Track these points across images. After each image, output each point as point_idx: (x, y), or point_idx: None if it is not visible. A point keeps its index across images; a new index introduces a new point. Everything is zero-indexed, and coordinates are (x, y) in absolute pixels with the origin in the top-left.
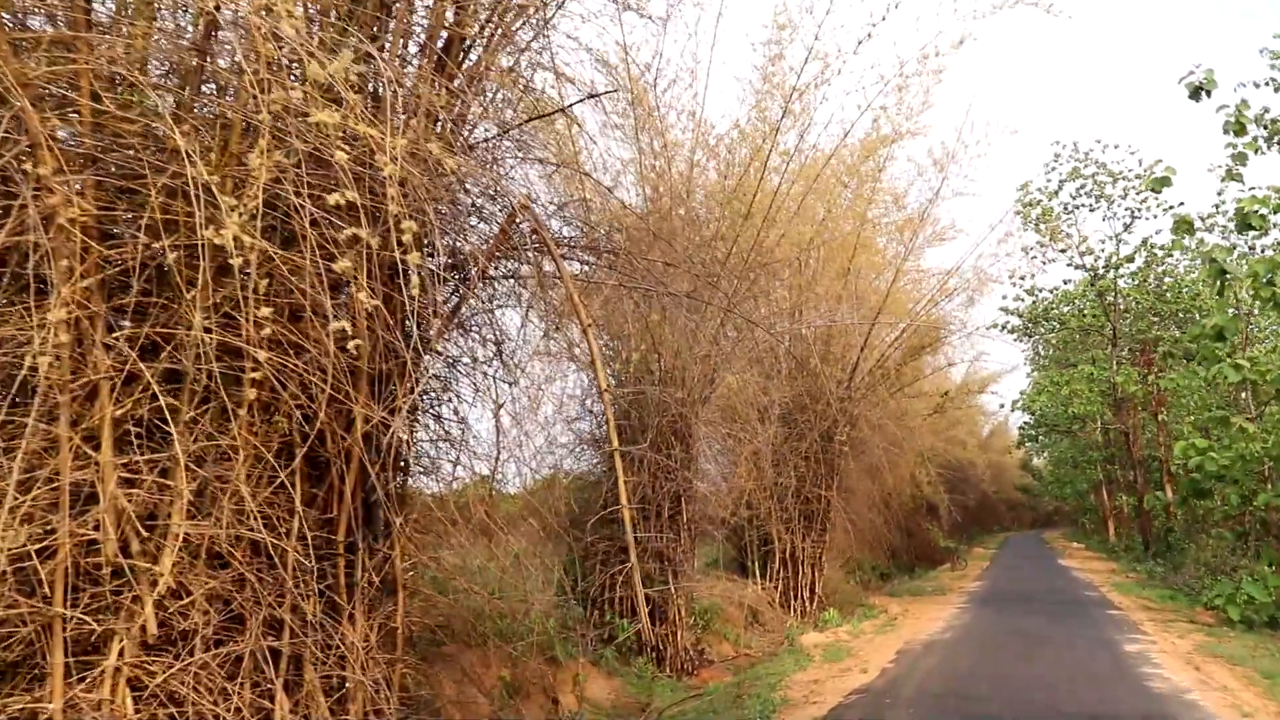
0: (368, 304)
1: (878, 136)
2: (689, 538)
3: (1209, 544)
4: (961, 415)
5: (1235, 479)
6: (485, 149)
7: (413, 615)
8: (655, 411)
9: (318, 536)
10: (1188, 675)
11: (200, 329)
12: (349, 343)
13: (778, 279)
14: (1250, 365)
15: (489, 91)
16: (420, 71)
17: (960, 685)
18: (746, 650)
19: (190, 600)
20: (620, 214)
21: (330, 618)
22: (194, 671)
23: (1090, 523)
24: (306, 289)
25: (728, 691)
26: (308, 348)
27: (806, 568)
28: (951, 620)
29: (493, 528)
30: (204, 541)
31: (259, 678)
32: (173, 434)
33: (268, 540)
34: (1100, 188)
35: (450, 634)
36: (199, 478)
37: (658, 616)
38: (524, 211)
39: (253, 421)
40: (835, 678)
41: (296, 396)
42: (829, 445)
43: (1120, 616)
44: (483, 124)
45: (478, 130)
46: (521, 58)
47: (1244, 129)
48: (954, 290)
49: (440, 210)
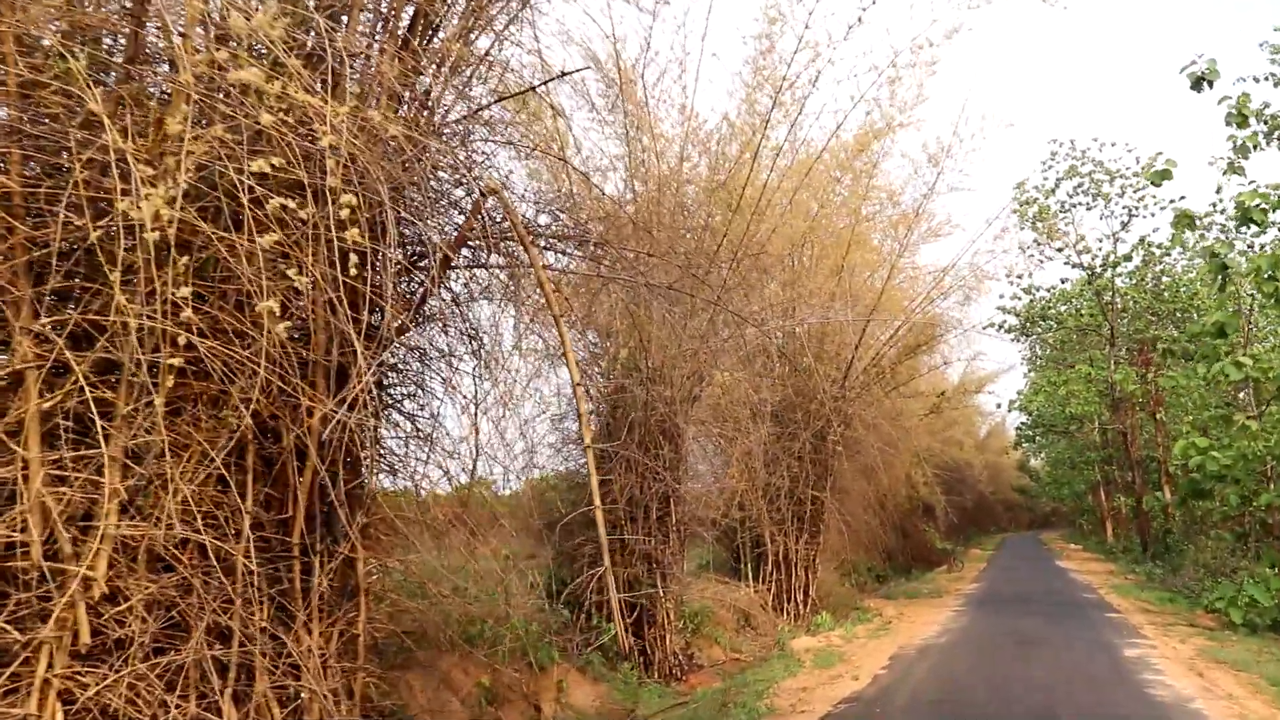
0: (300, 282)
1: (871, 131)
2: (678, 540)
3: (1208, 545)
4: (958, 415)
5: (1237, 479)
6: (454, 130)
7: (377, 621)
8: (643, 410)
9: (272, 538)
10: (1191, 682)
11: (134, 315)
12: (278, 326)
13: (770, 275)
14: (1253, 363)
15: (461, 72)
16: (381, 44)
17: (956, 693)
18: (737, 654)
19: (127, 606)
20: (601, 203)
21: (285, 625)
22: (130, 683)
23: (1088, 524)
24: (249, 273)
25: (713, 699)
26: (255, 336)
27: (800, 570)
28: (948, 624)
29: (468, 529)
30: (143, 544)
31: (205, 689)
32: (108, 429)
33: (210, 542)
34: (1097, 186)
35: (422, 640)
36: (137, 476)
37: (645, 620)
38: (493, 196)
39: (198, 416)
40: (825, 685)
41: (247, 390)
42: (822, 445)
43: (1119, 619)
44: (458, 107)
45: (452, 114)
46: (501, 40)
47: (1246, 121)
48: (950, 288)
49: (400, 191)
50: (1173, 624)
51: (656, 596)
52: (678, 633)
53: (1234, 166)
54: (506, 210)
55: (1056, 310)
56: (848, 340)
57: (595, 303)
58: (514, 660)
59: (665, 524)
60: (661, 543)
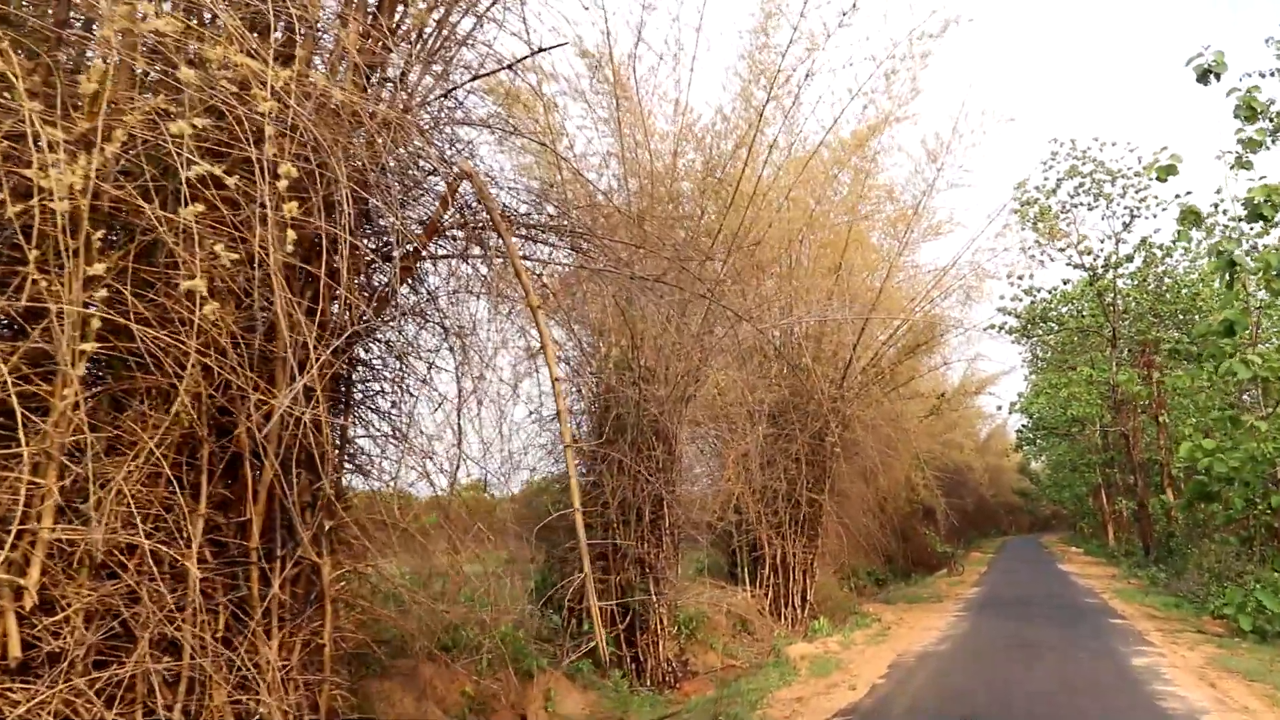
0: (227, 259)
1: (868, 127)
2: (671, 543)
3: (1212, 549)
4: (959, 418)
5: (1245, 480)
6: (428, 111)
7: (346, 630)
8: (635, 411)
9: (230, 543)
10: (1203, 693)
11: (54, 299)
12: (206, 307)
13: (765, 271)
14: (1262, 362)
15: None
16: (344, 15)
17: (957, 705)
18: (733, 661)
19: (64, 616)
20: (588, 192)
21: (244, 635)
22: (66, 699)
23: (1089, 527)
24: (175, 247)
25: (704, 710)
26: (205, 327)
27: (798, 574)
28: (948, 629)
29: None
30: (80, 549)
31: (152, 704)
32: (42, 425)
33: (149, 547)
34: (1098, 186)
35: (400, 649)
36: (76, 476)
37: (638, 626)
38: (468, 180)
39: (145, 412)
40: (821, 695)
41: (196, 384)
42: (821, 447)
43: (1124, 626)
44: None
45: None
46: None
47: (1255, 114)
48: (950, 287)
49: (361, 170)
50: (1180, 630)
51: (649, 602)
52: (671, 639)
53: (1241, 161)
54: (480, 194)
55: (1058, 312)
56: (846, 340)
57: (585, 297)
58: (501, 668)
59: (658, 527)
60: (654, 547)
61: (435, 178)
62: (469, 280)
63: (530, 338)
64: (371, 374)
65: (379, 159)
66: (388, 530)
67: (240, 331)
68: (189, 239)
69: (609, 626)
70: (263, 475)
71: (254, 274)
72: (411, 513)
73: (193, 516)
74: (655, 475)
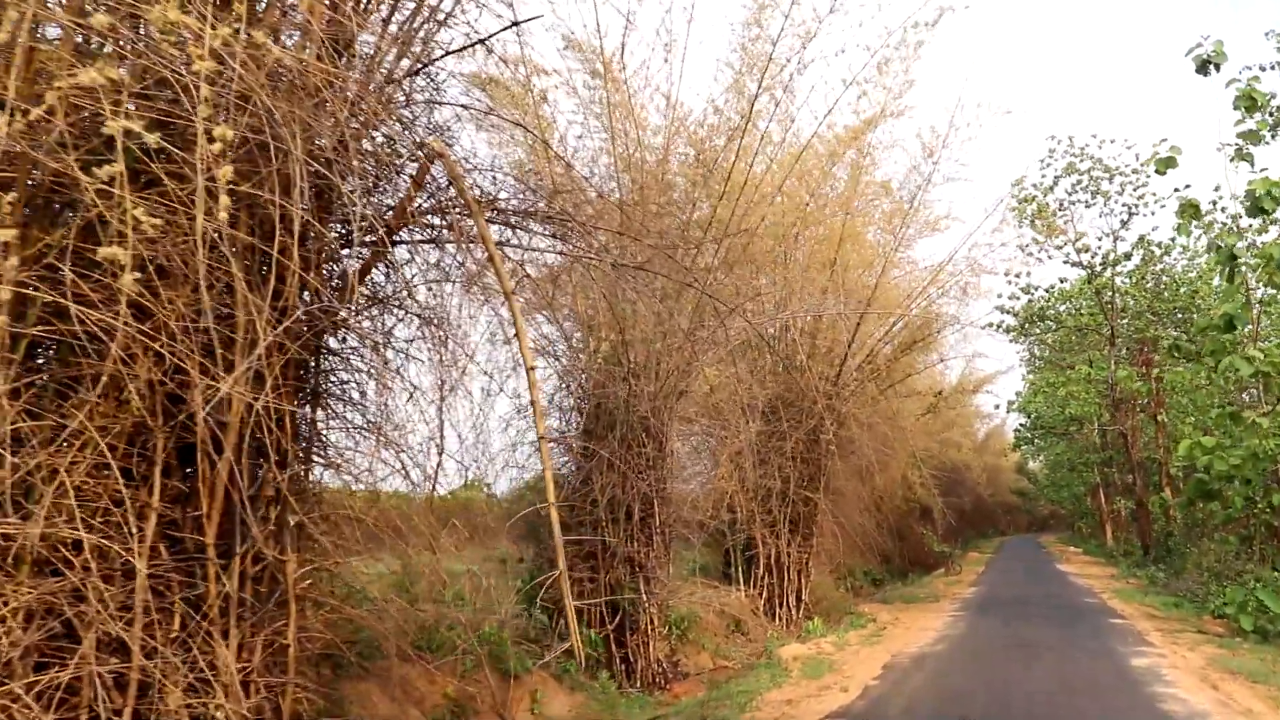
0: (149, 225)
1: (863, 121)
2: (662, 542)
3: (1211, 549)
4: (956, 416)
5: (1247, 478)
6: (401, 90)
7: (314, 630)
8: (625, 406)
9: (187, 538)
10: (1205, 695)
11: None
12: (126, 278)
13: (758, 264)
14: (1263, 357)
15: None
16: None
17: (952, 706)
18: (726, 662)
19: (0, 616)
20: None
21: (202, 634)
22: (1, 704)
23: (1087, 526)
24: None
25: (692, 712)
26: (155, 310)
27: (792, 574)
28: (944, 630)
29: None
30: (18, 544)
31: (99, 708)
32: None
33: (93, 542)
34: (1096, 183)
35: (375, 649)
36: (15, 467)
37: (628, 626)
38: (439, 160)
39: (91, 399)
40: (812, 697)
41: (146, 370)
42: (816, 445)
43: (1124, 626)
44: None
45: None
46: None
47: (1255, 105)
48: (946, 283)
49: (312, 141)
50: (1180, 630)
51: (639, 601)
52: (662, 639)
53: (1242, 154)
54: (451, 174)
55: (1055, 310)
56: (841, 336)
57: (573, 291)
58: (484, 668)
59: (648, 526)
60: (644, 545)
61: (407, 159)
62: (449, 269)
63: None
64: (344, 364)
65: (341, 134)
66: (357, 526)
67: (190, 314)
68: (110, 204)
69: (598, 627)
70: (219, 467)
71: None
72: (381, 509)
73: (144, 510)
74: (645, 473)
